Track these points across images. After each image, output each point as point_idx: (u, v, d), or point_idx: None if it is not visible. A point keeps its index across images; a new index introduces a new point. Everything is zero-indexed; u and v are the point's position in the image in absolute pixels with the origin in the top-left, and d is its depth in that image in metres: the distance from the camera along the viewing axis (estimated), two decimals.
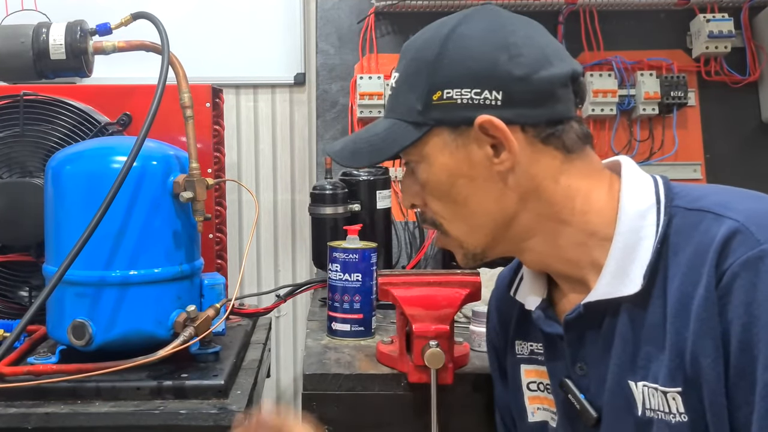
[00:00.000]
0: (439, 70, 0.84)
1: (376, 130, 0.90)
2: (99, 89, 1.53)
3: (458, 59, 0.84)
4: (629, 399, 0.81)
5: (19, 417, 1.09)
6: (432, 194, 0.89)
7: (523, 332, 0.99)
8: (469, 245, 0.90)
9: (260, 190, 2.09)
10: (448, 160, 0.86)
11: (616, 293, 0.82)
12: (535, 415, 0.98)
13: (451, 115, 0.84)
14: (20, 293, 1.44)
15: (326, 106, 1.94)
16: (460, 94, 0.83)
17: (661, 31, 1.94)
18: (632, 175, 0.86)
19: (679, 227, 0.80)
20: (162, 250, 1.20)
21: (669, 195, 0.83)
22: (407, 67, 0.88)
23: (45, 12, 1.83)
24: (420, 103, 0.85)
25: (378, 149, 0.88)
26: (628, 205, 0.83)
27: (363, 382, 1.14)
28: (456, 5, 1.86)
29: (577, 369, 0.88)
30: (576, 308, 0.86)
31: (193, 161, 1.23)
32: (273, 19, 2.05)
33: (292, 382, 2.13)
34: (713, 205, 0.79)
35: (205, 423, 1.09)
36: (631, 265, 0.81)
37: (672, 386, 0.77)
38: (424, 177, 0.88)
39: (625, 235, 0.82)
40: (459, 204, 0.87)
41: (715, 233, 0.75)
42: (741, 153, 1.91)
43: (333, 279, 1.31)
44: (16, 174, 1.41)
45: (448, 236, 0.90)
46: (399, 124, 0.87)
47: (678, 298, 0.77)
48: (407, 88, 0.87)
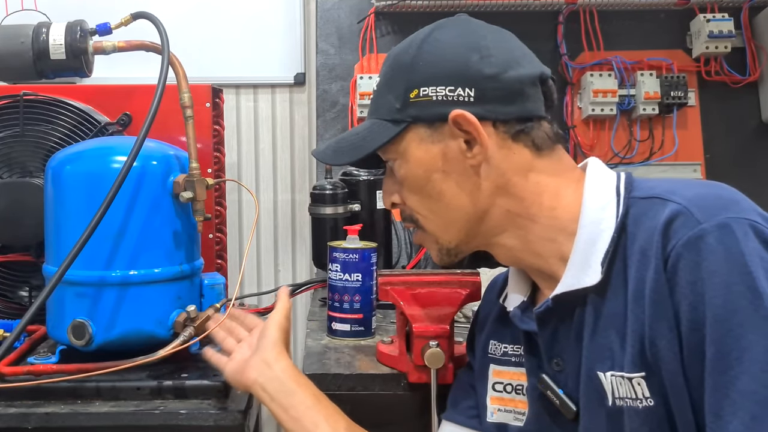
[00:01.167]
0: (416, 70, 0.89)
1: (357, 130, 0.95)
2: (99, 89, 1.53)
3: (433, 60, 0.89)
4: (600, 390, 0.82)
5: (19, 417, 1.09)
6: (409, 190, 0.92)
7: (498, 333, 1.01)
8: (443, 240, 0.93)
9: (260, 190, 2.09)
10: (424, 155, 0.90)
11: (579, 284, 0.84)
12: (494, 416, 0.99)
13: (427, 112, 0.89)
14: (20, 293, 1.44)
15: (326, 106, 1.94)
16: (435, 91, 0.88)
17: (661, 31, 1.94)
18: (596, 172, 0.89)
19: (635, 216, 0.82)
20: (162, 250, 1.20)
21: (628, 187, 0.85)
22: (386, 72, 0.94)
23: (45, 12, 1.83)
24: (398, 101, 0.90)
25: (357, 147, 0.93)
26: (589, 199, 0.86)
27: (363, 382, 1.14)
28: (456, 5, 1.86)
29: (554, 365, 0.89)
30: (545, 302, 0.88)
31: (193, 161, 1.23)
32: (273, 19, 2.06)
33: None
34: (662, 191, 0.81)
35: (205, 423, 1.09)
36: (592, 256, 0.83)
37: (635, 372, 0.78)
38: (402, 173, 0.92)
39: (587, 227, 0.85)
40: (434, 199, 0.91)
41: (660, 217, 0.78)
42: (741, 153, 1.91)
43: (333, 279, 1.31)
44: (16, 174, 1.41)
45: (425, 232, 0.94)
46: (378, 123, 0.92)
47: (635, 284, 0.79)
48: (386, 89, 0.92)
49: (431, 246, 0.95)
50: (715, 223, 0.74)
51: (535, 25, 1.91)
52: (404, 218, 0.97)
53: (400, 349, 1.16)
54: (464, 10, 1.87)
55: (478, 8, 1.87)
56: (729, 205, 0.76)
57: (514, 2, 1.86)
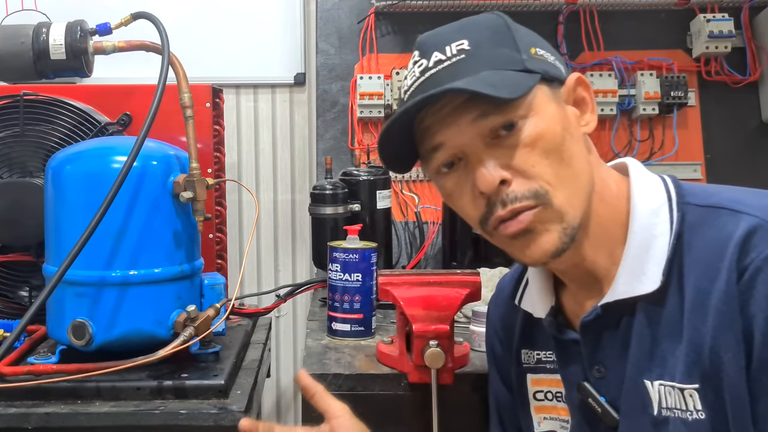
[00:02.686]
0: (520, 31, 0.83)
1: (484, 76, 0.78)
2: (99, 89, 1.53)
3: (527, 31, 0.85)
4: (645, 398, 0.80)
5: (19, 417, 1.09)
6: (542, 152, 0.79)
7: (529, 341, 0.97)
8: (569, 217, 0.80)
9: (260, 190, 2.09)
10: (555, 112, 0.81)
11: (634, 292, 0.81)
12: (541, 425, 0.96)
13: (550, 70, 0.82)
14: (20, 293, 1.44)
15: (326, 106, 1.94)
16: (547, 54, 0.83)
17: (662, 31, 1.93)
18: (641, 174, 0.86)
19: (693, 224, 0.79)
20: (162, 250, 1.20)
21: (680, 192, 0.82)
22: (480, 33, 0.82)
23: (45, 12, 1.83)
24: (523, 54, 0.81)
25: (514, 84, 0.78)
26: (640, 202, 0.82)
27: (363, 382, 1.14)
28: (456, 5, 1.86)
29: (595, 372, 0.86)
30: (593, 310, 0.84)
31: (193, 161, 1.23)
32: (273, 19, 2.05)
33: (292, 382, 2.13)
34: (727, 201, 0.79)
35: (205, 423, 1.09)
36: (647, 263, 0.80)
37: (689, 383, 0.76)
38: (535, 132, 0.79)
39: (640, 233, 0.81)
40: (565, 163, 0.80)
41: (733, 229, 0.75)
42: (741, 153, 1.91)
43: (333, 279, 1.31)
44: (16, 174, 1.41)
45: (550, 208, 0.79)
46: (507, 73, 0.79)
47: (695, 293, 0.76)
48: (494, 46, 0.81)
49: (552, 228, 0.80)
50: None
51: (536, 25, 1.85)
52: (512, 200, 0.79)
53: (400, 349, 1.16)
54: (464, 9, 1.87)
55: (479, 8, 1.87)
56: None
57: (514, 2, 1.86)
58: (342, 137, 1.92)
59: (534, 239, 0.80)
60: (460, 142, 0.80)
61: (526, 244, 0.81)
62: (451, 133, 0.81)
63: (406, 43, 1.93)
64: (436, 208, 1.81)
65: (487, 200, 0.80)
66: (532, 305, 0.94)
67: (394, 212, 1.74)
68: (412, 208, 1.87)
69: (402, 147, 0.86)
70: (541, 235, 0.80)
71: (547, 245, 0.80)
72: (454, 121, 0.80)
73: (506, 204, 0.79)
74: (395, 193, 1.85)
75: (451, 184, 0.84)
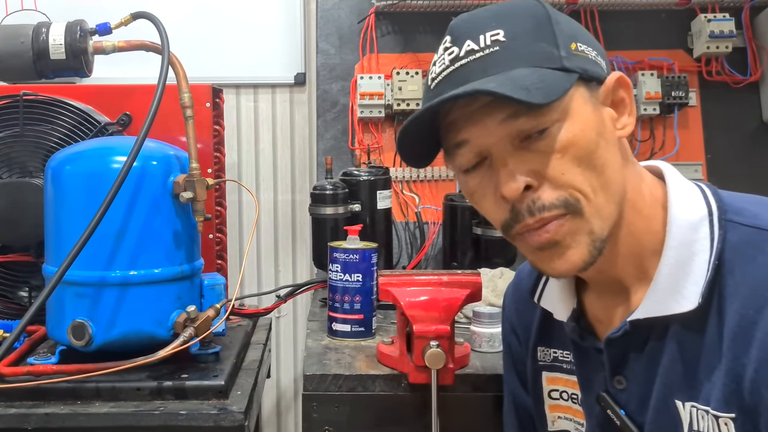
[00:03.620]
0: (561, 24, 0.77)
1: (518, 75, 0.73)
2: (99, 89, 1.53)
3: (569, 21, 0.78)
4: (675, 419, 0.77)
5: (19, 417, 1.09)
6: (574, 159, 0.74)
7: (545, 339, 0.94)
8: (599, 228, 0.76)
9: (260, 191, 2.08)
10: (592, 116, 0.76)
11: (668, 311, 0.76)
12: (555, 424, 0.95)
13: (588, 69, 0.76)
14: (20, 293, 1.44)
15: (326, 106, 1.93)
16: (588, 49, 0.77)
17: (662, 31, 1.93)
18: (679, 182, 0.81)
19: (737, 244, 0.75)
20: (162, 250, 1.19)
21: (721, 206, 0.77)
22: (517, 23, 0.76)
23: (45, 12, 1.83)
24: (562, 50, 0.75)
25: (548, 87, 0.72)
26: (679, 215, 0.77)
27: (363, 383, 1.14)
28: (456, 5, 1.86)
29: (616, 383, 0.83)
30: (622, 326, 0.80)
31: (193, 161, 1.23)
32: (273, 19, 2.05)
33: (292, 382, 2.13)
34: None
35: (205, 423, 1.09)
36: (684, 281, 0.75)
37: (726, 411, 0.72)
38: (568, 138, 0.74)
39: (677, 249, 0.76)
40: (598, 171, 0.75)
41: None
42: (742, 153, 1.91)
43: (333, 279, 1.31)
44: (16, 174, 1.41)
45: (580, 217, 0.75)
46: (540, 70, 0.74)
47: (737, 321, 0.72)
48: (531, 39, 0.75)
49: (581, 239, 0.76)
50: None
51: None
52: (539, 209, 0.75)
53: (400, 349, 1.16)
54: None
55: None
56: None
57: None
58: (342, 137, 1.92)
59: (561, 252, 0.76)
60: (487, 141, 0.76)
61: (552, 257, 0.77)
62: (478, 132, 0.76)
63: (407, 43, 1.93)
64: (437, 208, 1.81)
65: (511, 206, 0.77)
66: (553, 305, 0.90)
67: (394, 212, 1.74)
68: (413, 209, 1.86)
69: (423, 140, 0.81)
70: (569, 248, 0.76)
71: (575, 258, 0.76)
72: (482, 119, 0.76)
73: (533, 213, 0.75)
74: (396, 193, 1.85)
75: (474, 183, 0.80)
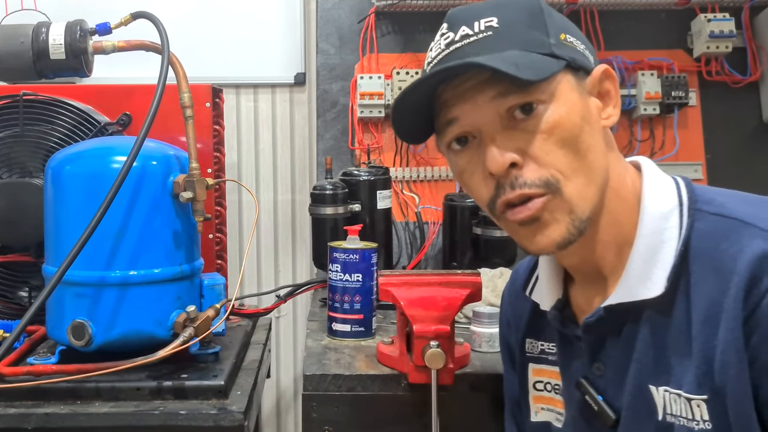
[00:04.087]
0: (553, 16, 0.82)
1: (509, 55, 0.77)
2: (99, 89, 1.53)
3: (561, 17, 0.83)
4: (650, 404, 0.80)
5: (18, 417, 1.09)
6: (558, 141, 0.78)
7: (534, 331, 0.97)
8: (579, 209, 0.79)
9: (260, 191, 2.08)
10: (577, 102, 0.80)
11: (637, 296, 0.80)
12: (538, 415, 0.97)
13: (578, 58, 0.81)
14: (20, 293, 1.44)
15: (326, 106, 1.93)
16: (577, 42, 0.82)
17: (662, 31, 1.93)
18: (654, 174, 0.84)
19: (703, 232, 0.78)
20: (162, 250, 1.19)
21: (692, 197, 0.81)
22: (511, 13, 0.80)
23: (45, 12, 1.83)
24: (552, 38, 0.80)
25: (538, 67, 0.77)
26: (650, 206, 0.81)
27: (363, 383, 1.14)
28: (456, 5, 1.86)
29: (594, 369, 0.86)
30: (596, 311, 0.84)
31: (193, 161, 1.23)
32: (273, 19, 2.05)
33: (292, 382, 2.13)
34: (742, 213, 0.77)
35: (204, 423, 1.09)
36: (654, 267, 0.79)
37: (698, 393, 0.76)
38: (554, 119, 0.78)
39: (648, 237, 0.80)
40: (581, 155, 0.79)
41: (745, 244, 0.74)
42: (742, 153, 1.91)
43: (333, 279, 1.31)
44: (16, 174, 1.41)
45: (560, 196, 0.78)
46: (532, 56, 0.78)
47: (706, 305, 0.75)
48: (524, 27, 0.80)
49: (561, 218, 0.79)
50: None
51: None
52: (521, 185, 0.78)
53: (400, 349, 1.16)
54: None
55: None
56: None
57: None
58: (342, 137, 1.92)
59: (541, 228, 0.80)
60: (476, 119, 0.80)
61: (533, 232, 0.80)
62: (469, 108, 0.80)
63: (407, 42, 1.92)
64: (437, 208, 1.81)
65: (496, 182, 0.80)
66: (541, 297, 0.94)
67: (394, 212, 1.74)
68: (413, 209, 1.86)
69: (417, 118, 0.84)
70: (549, 224, 0.79)
71: (555, 235, 0.79)
72: (473, 97, 0.79)
73: (515, 187, 0.78)
74: (395, 193, 1.85)
75: (463, 161, 0.83)
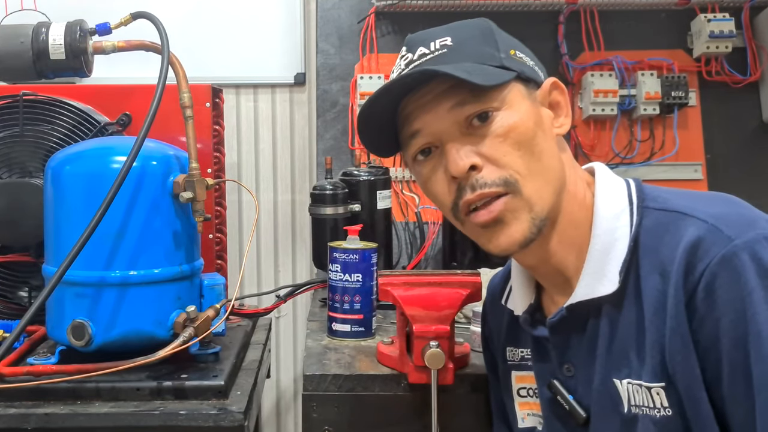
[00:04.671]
0: (503, 36, 0.88)
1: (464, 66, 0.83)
2: (99, 89, 1.53)
3: (507, 36, 0.89)
4: (615, 397, 0.83)
5: (18, 417, 1.09)
6: (513, 144, 0.83)
7: (513, 338, 1.00)
8: (538, 207, 0.83)
9: (260, 191, 2.08)
10: (529, 110, 0.85)
11: (595, 293, 0.84)
12: (524, 421, 0.99)
13: (527, 71, 0.86)
14: (20, 293, 1.44)
15: (326, 106, 1.93)
16: (527, 58, 0.88)
17: (662, 31, 1.93)
18: (606, 178, 0.89)
19: (649, 227, 0.82)
20: (162, 250, 1.19)
21: (640, 196, 0.85)
22: (463, 32, 0.87)
23: (45, 12, 1.82)
24: (502, 53, 0.86)
25: (489, 75, 0.83)
26: (602, 207, 0.86)
27: (363, 383, 1.14)
28: (456, 5, 1.86)
29: (564, 370, 0.89)
30: (558, 311, 0.88)
31: (193, 161, 1.23)
32: (273, 19, 2.05)
33: (292, 382, 2.13)
34: (682, 206, 0.81)
35: (204, 423, 1.09)
36: (608, 265, 0.83)
37: (655, 381, 0.79)
38: (509, 123, 0.83)
39: (602, 236, 0.84)
40: (535, 157, 0.83)
41: (683, 234, 0.78)
42: (742, 153, 1.91)
43: (333, 279, 1.31)
44: (15, 174, 1.41)
45: (519, 196, 0.83)
46: (484, 67, 0.84)
47: (656, 296, 0.79)
48: (476, 44, 0.86)
49: (521, 216, 0.83)
50: (745, 240, 0.74)
51: (536, 25, 1.91)
52: (481, 185, 0.83)
53: (400, 349, 1.16)
54: (465, 10, 1.87)
55: (479, 8, 1.87)
56: (753, 222, 0.76)
57: (514, 2, 1.86)
58: (342, 137, 1.92)
59: (503, 229, 0.84)
60: (437, 128, 0.85)
61: (495, 234, 0.85)
62: (430, 119, 0.85)
63: None
64: (437, 208, 1.81)
65: (457, 185, 0.84)
66: (515, 304, 0.97)
67: (394, 212, 1.74)
68: (413, 209, 1.86)
69: (383, 136, 0.90)
70: (510, 224, 0.84)
71: (516, 234, 0.84)
72: (433, 108, 0.84)
73: (475, 189, 0.83)
74: (395, 193, 1.85)
75: (427, 170, 0.88)
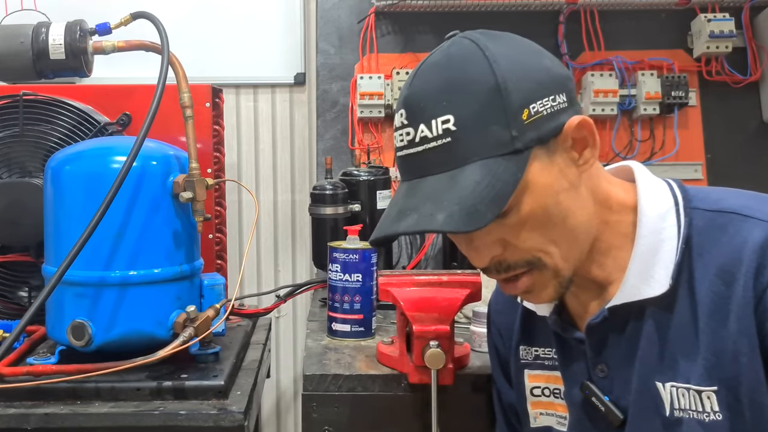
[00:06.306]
0: (512, 90, 0.78)
1: (469, 182, 0.77)
2: (99, 89, 1.53)
3: (521, 75, 0.79)
4: (656, 400, 0.82)
5: (18, 417, 1.09)
6: (533, 227, 0.80)
7: (527, 337, 0.99)
8: (564, 270, 0.83)
9: (260, 190, 2.08)
10: (548, 179, 0.80)
11: (641, 295, 0.83)
12: (537, 420, 0.98)
13: (543, 130, 0.79)
14: (20, 293, 1.44)
15: (326, 106, 1.93)
16: (543, 105, 0.79)
17: (662, 31, 1.93)
18: (647, 178, 0.87)
19: (702, 228, 0.81)
20: (162, 250, 1.19)
21: (686, 196, 0.84)
22: (464, 107, 0.78)
23: (44, 12, 1.83)
24: (513, 129, 0.77)
25: (496, 197, 0.76)
26: (647, 207, 0.84)
27: (363, 383, 1.14)
28: (456, 5, 1.86)
29: (598, 371, 0.88)
30: (600, 312, 0.86)
31: (193, 161, 1.23)
32: (273, 19, 2.05)
33: (292, 382, 2.13)
34: (738, 207, 0.81)
35: (204, 423, 1.09)
36: (655, 266, 0.82)
37: (707, 385, 0.78)
38: (526, 211, 0.79)
39: (648, 237, 0.83)
40: (558, 225, 0.81)
41: (747, 235, 0.77)
42: (742, 153, 1.91)
43: (333, 279, 1.31)
44: (15, 174, 1.41)
45: (544, 269, 0.82)
46: (492, 162, 0.77)
47: (711, 298, 0.78)
48: (481, 124, 0.77)
49: (549, 283, 0.84)
50: None
51: (536, 25, 1.91)
52: (505, 269, 0.83)
53: (400, 349, 1.15)
54: (465, 10, 1.87)
55: (479, 8, 1.87)
56: None
57: (514, 2, 1.85)
58: (342, 137, 1.92)
59: (530, 297, 0.88)
60: None
61: (526, 298, 0.90)
62: None
63: (406, 43, 1.92)
64: None
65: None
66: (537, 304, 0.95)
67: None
68: None
69: None
70: (538, 293, 0.86)
71: (546, 297, 0.86)
72: None
73: (500, 272, 0.84)
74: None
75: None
